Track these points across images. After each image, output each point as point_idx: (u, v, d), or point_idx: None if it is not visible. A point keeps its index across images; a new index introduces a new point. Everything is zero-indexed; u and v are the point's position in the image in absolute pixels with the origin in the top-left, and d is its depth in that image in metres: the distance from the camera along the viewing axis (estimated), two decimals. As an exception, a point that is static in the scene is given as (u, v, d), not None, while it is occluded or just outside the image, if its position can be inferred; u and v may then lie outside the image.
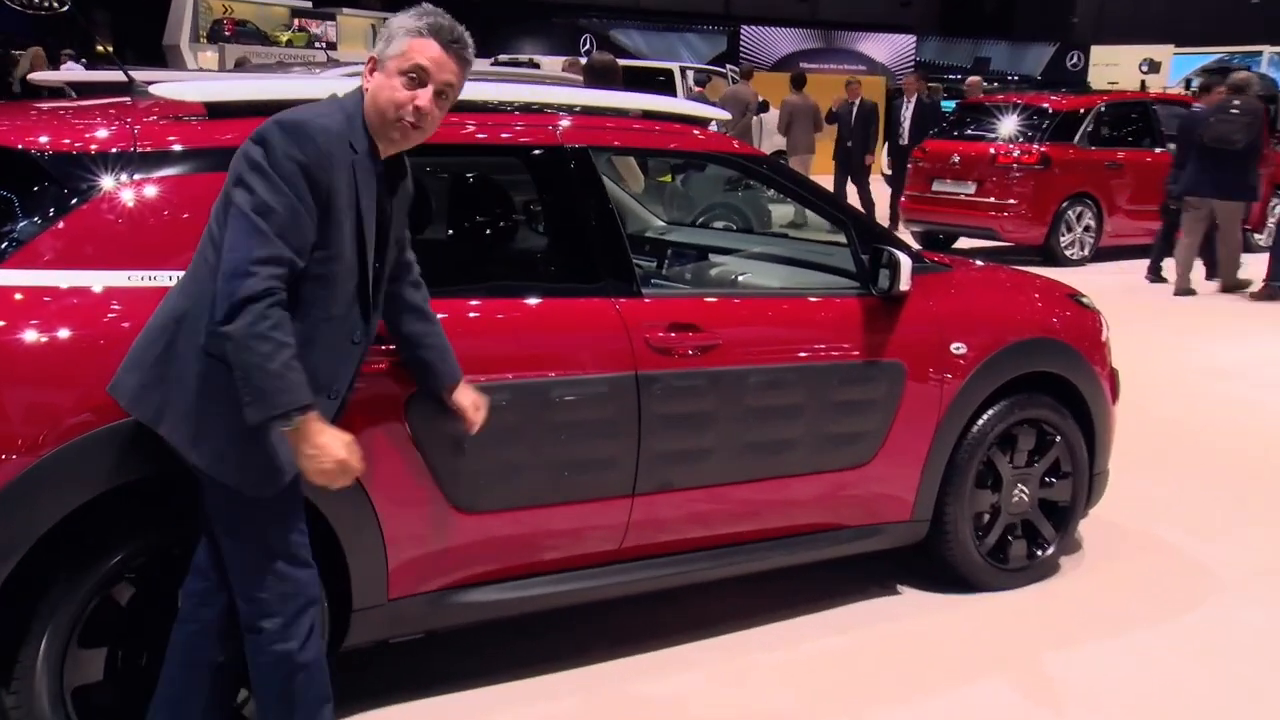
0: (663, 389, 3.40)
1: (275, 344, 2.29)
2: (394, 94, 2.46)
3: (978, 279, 4.47)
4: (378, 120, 2.48)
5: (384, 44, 2.51)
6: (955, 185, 12.63)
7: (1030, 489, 4.28)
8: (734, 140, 4.13)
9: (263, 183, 2.33)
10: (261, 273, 2.29)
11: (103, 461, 2.60)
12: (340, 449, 2.40)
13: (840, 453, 3.84)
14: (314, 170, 2.36)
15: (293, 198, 2.34)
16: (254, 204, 2.32)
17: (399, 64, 2.47)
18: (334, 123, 2.43)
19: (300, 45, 24.33)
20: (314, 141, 2.37)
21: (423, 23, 2.50)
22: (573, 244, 3.50)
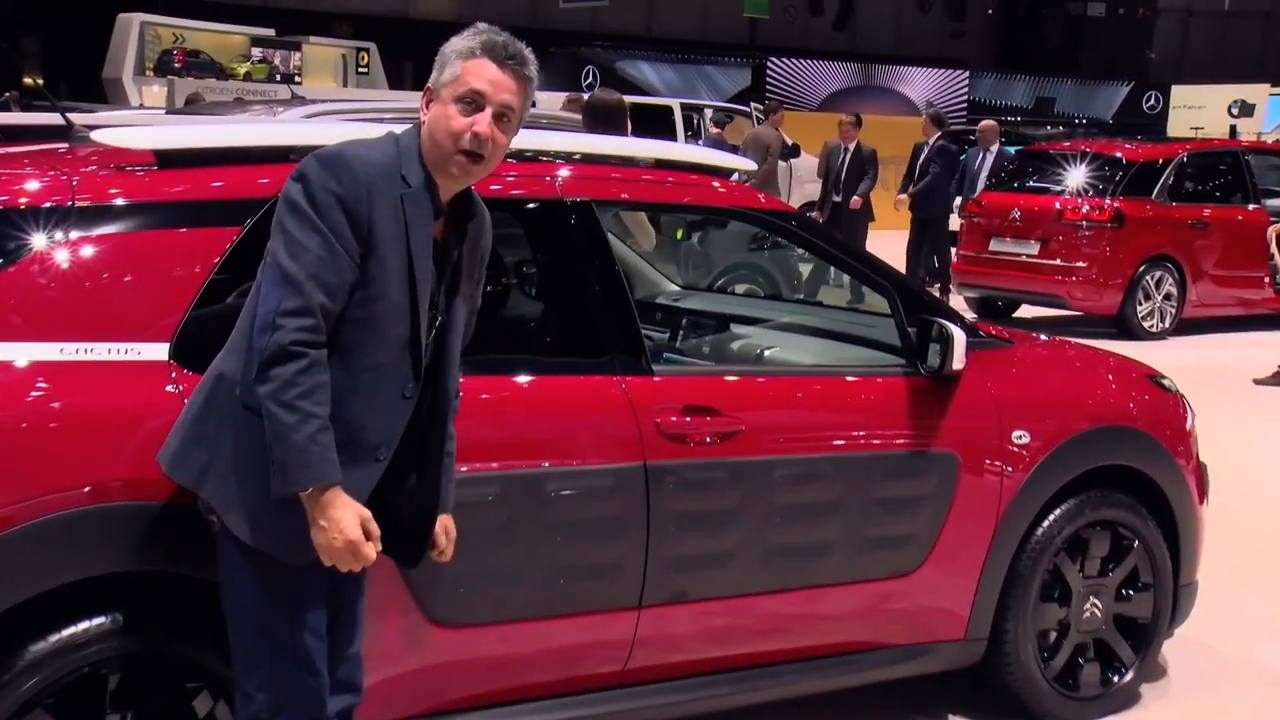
0: (675, 482, 3.40)
1: (301, 414, 2.41)
2: (450, 122, 2.56)
3: (1042, 356, 4.48)
4: (436, 153, 2.58)
5: (437, 72, 2.61)
6: (1016, 245, 12.69)
7: (1105, 603, 4.25)
8: (759, 194, 4.18)
9: (296, 220, 2.46)
10: (289, 326, 2.41)
11: (26, 565, 2.60)
12: (354, 528, 2.49)
13: (882, 558, 3.83)
14: (350, 202, 2.48)
15: (327, 232, 2.46)
16: (286, 245, 2.46)
17: (453, 90, 2.57)
18: (379, 154, 2.56)
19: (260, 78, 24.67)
20: (351, 170, 2.49)
21: (475, 42, 2.59)
22: (572, 312, 3.53)
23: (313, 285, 2.43)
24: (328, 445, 2.45)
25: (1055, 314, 13.13)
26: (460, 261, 2.71)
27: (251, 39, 26.10)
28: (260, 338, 2.43)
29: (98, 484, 2.67)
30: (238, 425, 2.53)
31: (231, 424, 2.54)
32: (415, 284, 2.58)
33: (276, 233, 2.49)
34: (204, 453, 2.56)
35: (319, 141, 3.18)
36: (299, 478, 2.43)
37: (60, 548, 2.63)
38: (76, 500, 2.64)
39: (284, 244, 2.46)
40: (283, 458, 2.43)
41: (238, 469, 2.53)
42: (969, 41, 41.74)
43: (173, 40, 24.43)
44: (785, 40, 38.32)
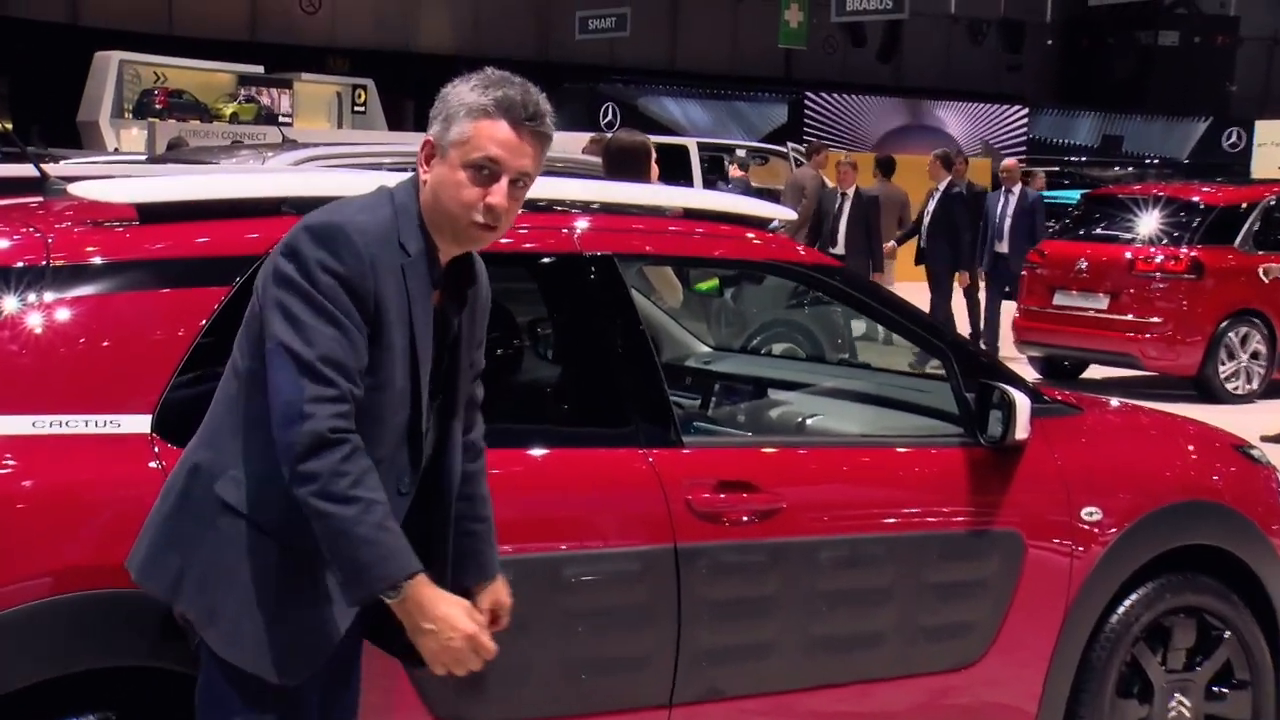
0: (709, 566, 3.40)
1: (362, 503, 2.36)
2: (460, 193, 2.51)
3: (1114, 424, 4.48)
4: (443, 221, 2.54)
5: (442, 125, 2.54)
6: (1082, 298, 12.67)
7: (1193, 701, 4.21)
8: (798, 245, 4.20)
9: (301, 302, 2.40)
10: (320, 413, 2.36)
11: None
12: (465, 620, 2.46)
13: (940, 649, 3.81)
14: (355, 281, 2.43)
15: (338, 314, 2.41)
16: (295, 330, 2.39)
17: (463, 154, 2.50)
18: (377, 220, 2.50)
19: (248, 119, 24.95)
20: (352, 245, 2.44)
21: (489, 99, 2.52)
22: (592, 377, 3.55)
23: (334, 370, 2.39)
24: (399, 532, 2.42)
25: (1127, 375, 13.08)
26: (460, 332, 2.67)
27: (239, 77, 26.43)
28: (287, 430, 2.37)
29: (73, 570, 2.68)
30: (217, 526, 2.48)
31: (209, 524, 2.49)
32: (418, 365, 2.55)
33: (275, 314, 2.43)
34: (178, 557, 2.51)
35: (313, 193, 3.24)
36: (381, 574, 2.37)
37: (30, 641, 2.64)
38: (49, 588, 2.65)
39: (291, 328, 2.40)
40: (353, 556, 2.36)
41: (218, 577, 2.48)
42: (1027, 74, 41.89)
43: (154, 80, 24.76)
44: (825, 73, 38.55)
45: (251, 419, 2.49)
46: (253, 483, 2.49)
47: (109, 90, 23.80)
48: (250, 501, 2.49)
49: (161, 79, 25.00)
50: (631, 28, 31.14)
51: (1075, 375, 13.52)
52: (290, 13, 33.86)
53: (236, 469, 2.50)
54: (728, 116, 36.25)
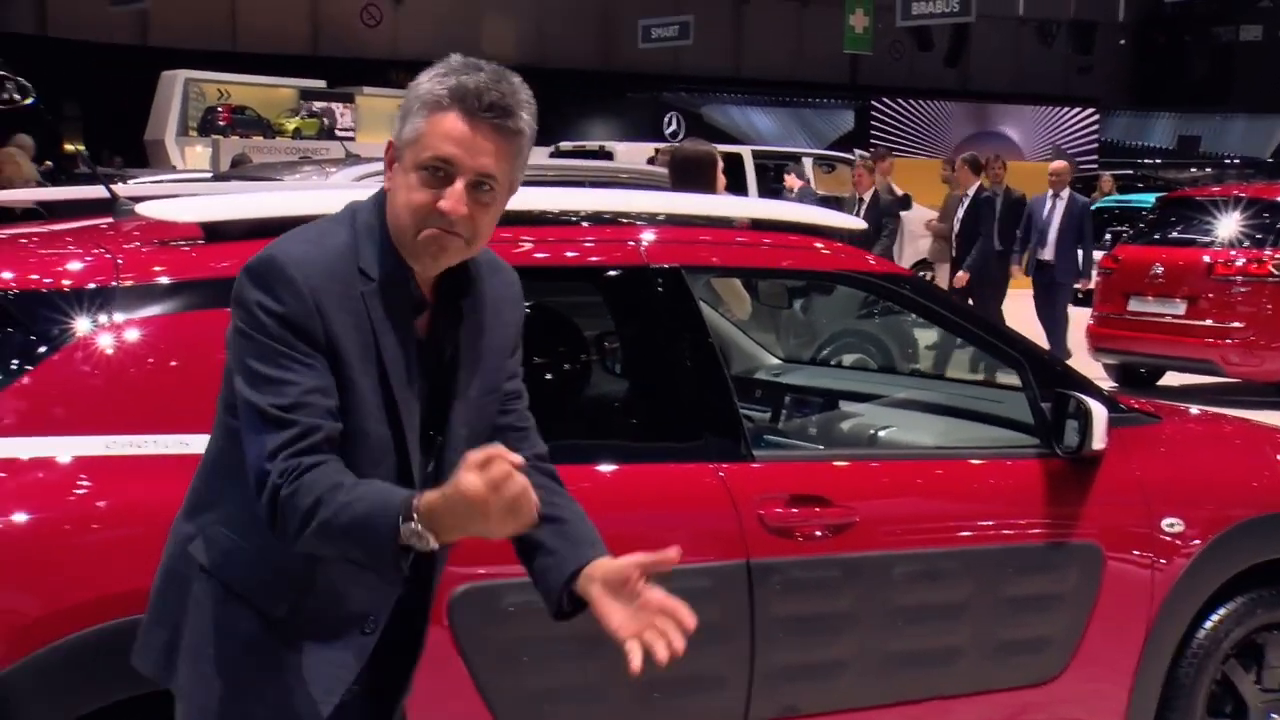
0: (782, 582, 3.40)
1: (321, 504, 2.10)
2: (410, 195, 2.22)
3: (1195, 433, 4.44)
4: (399, 235, 2.26)
5: (400, 121, 2.27)
6: (1159, 304, 12.55)
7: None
8: (868, 255, 4.19)
9: (251, 353, 2.18)
10: (276, 463, 2.12)
11: (73, 681, 2.65)
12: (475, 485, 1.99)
13: (1018, 665, 3.79)
14: (299, 320, 2.17)
15: (291, 354, 2.17)
16: (251, 386, 2.17)
17: (415, 153, 2.22)
18: (324, 250, 2.24)
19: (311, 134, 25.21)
20: (289, 283, 2.18)
21: (443, 88, 2.22)
22: (661, 391, 3.55)
23: (293, 411, 2.14)
24: (367, 491, 2.11)
25: (1207, 382, 12.92)
26: (458, 357, 2.36)
27: (301, 91, 26.69)
28: (259, 496, 2.15)
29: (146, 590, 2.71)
30: (194, 597, 2.31)
31: (189, 595, 2.32)
32: (397, 407, 2.26)
33: (235, 369, 2.23)
34: (165, 631, 2.35)
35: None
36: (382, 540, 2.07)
37: (109, 660, 2.67)
38: (124, 609, 2.68)
39: (247, 383, 2.18)
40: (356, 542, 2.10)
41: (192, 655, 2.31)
42: (1098, 76, 41.53)
43: (218, 96, 25.06)
44: (891, 78, 38.41)
45: (221, 472, 2.32)
46: (239, 545, 2.29)
47: (174, 108, 24.12)
48: (231, 568, 2.29)
49: (225, 95, 25.29)
50: (695, 36, 31.17)
51: (1152, 383, 13.37)
52: (352, 26, 34.18)
53: (223, 527, 2.31)
54: (793, 124, 36.23)
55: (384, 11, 34.62)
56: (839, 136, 33.84)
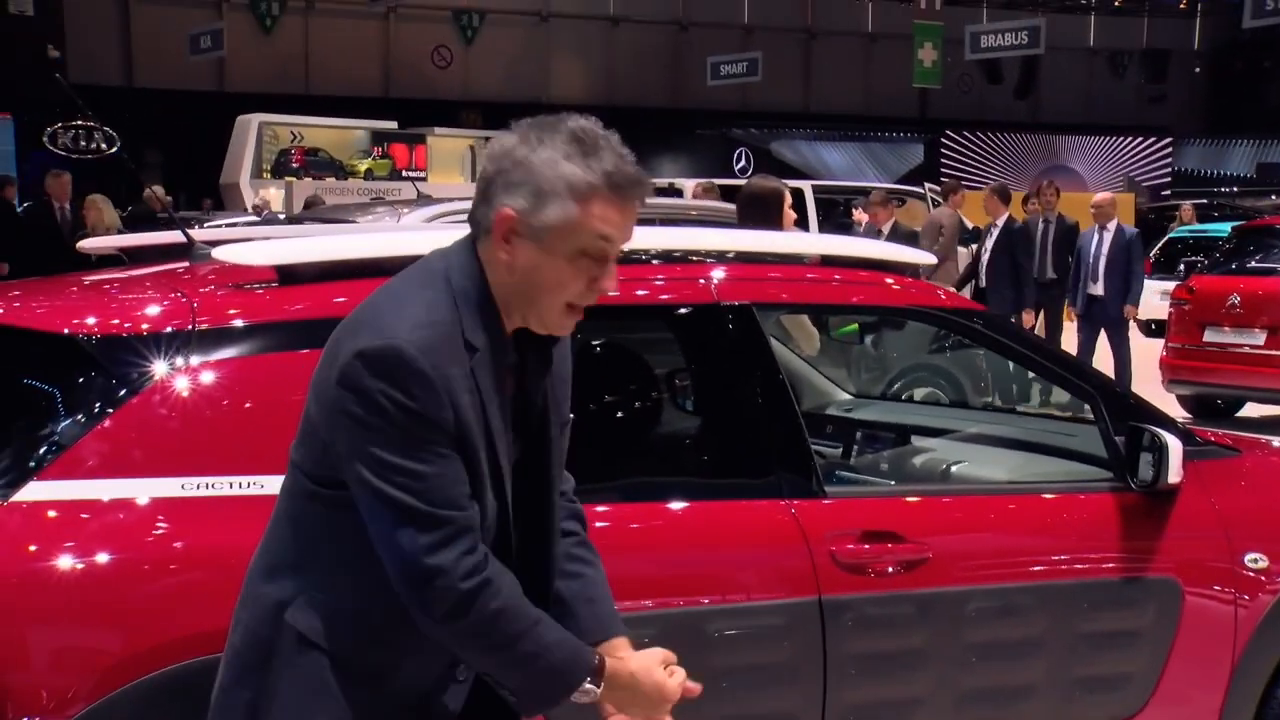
0: (855, 619, 3.38)
1: (523, 637, 2.19)
2: (569, 283, 2.20)
3: (1277, 466, 4.37)
4: (529, 310, 2.24)
5: (530, 201, 2.17)
6: (1237, 334, 12.39)
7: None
8: (939, 290, 4.18)
9: (380, 444, 2.12)
10: (447, 563, 2.13)
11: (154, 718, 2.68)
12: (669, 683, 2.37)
13: (1096, 702, 3.75)
14: (433, 414, 2.13)
15: (425, 446, 2.14)
16: (384, 480, 2.13)
17: (571, 241, 2.18)
18: (438, 328, 2.17)
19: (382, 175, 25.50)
20: (419, 376, 2.12)
21: (597, 175, 2.18)
22: (732, 428, 3.55)
23: (444, 507, 2.14)
24: (559, 629, 2.25)
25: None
26: (547, 405, 2.37)
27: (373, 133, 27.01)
28: (417, 592, 2.14)
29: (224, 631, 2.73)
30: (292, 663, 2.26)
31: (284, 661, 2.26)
32: (502, 471, 2.26)
33: (354, 459, 2.15)
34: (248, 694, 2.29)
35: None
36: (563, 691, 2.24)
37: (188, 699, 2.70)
38: (200, 649, 2.71)
39: (378, 475, 2.13)
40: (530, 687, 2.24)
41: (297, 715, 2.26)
42: (1172, 105, 41.22)
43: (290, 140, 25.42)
44: (961, 112, 38.31)
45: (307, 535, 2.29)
46: (337, 612, 2.26)
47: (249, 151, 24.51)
48: (332, 634, 2.25)
49: (298, 138, 25.66)
50: (763, 72, 31.23)
51: (1230, 415, 13.19)
52: (423, 68, 34.55)
53: (316, 594, 2.27)
54: (863, 158, 36.20)
55: (454, 53, 34.98)
56: (909, 170, 33.76)
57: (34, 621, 2.65)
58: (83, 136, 9.19)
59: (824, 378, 5.47)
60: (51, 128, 8.91)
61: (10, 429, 2.90)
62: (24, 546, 2.69)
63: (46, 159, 18.35)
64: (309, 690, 2.24)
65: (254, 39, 32.70)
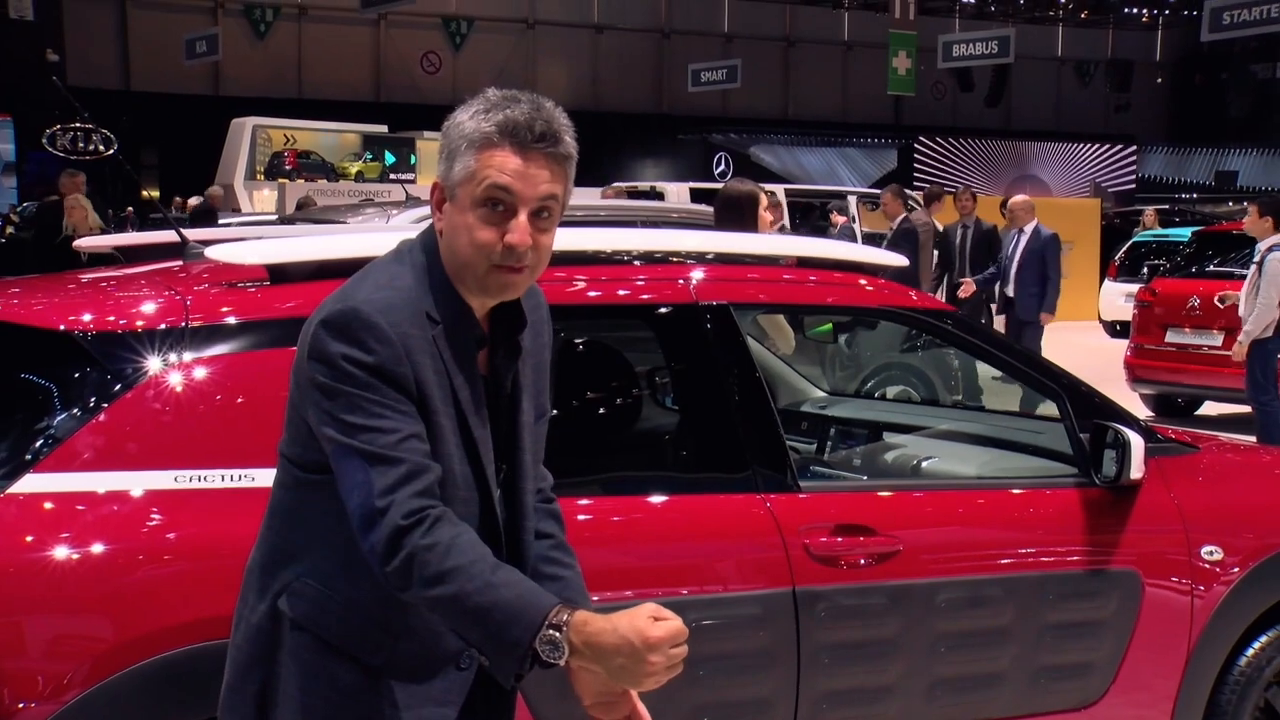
0: (828, 609, 3.38)
1: (459, 571, 2.06)
2: (474, 234, 2.18)
3: (1233, 462, 4.39)
4: (463, 272, 2.22)
5: (446, 162, 2.22)
6: (1196, 336, 12.43)
7: (1330, 747, 4.09)
8: (910, 291, 4.18)
9: (346, 403, 2.13)
10: (395, 500, 2.08)
11: (146, 705, 2.68)
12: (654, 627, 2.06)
13: (1060, 689, 3.75)
14: (390, 368, 2.14)
15: (385, 402, 2.13)
16: (350, 433, 2.11)
17: (471, 191, 2.18)
18: (398, 293, 2.19)
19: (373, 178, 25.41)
20: (376, 330, 2.13)
21: (490, 124, 2.19)
22: (710, 424, 3.55)
23: (399, 450, 2.11)
24: (517, 578, 2.11)
25: (1245, 412, 12.76)
26: (519, 386, 2.34)
27: (364, 137, 26.93)
28: (368, 535, 2.09)
29: (215, 619, 2.72)
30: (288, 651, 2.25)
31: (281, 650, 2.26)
32: (475, 445, 2.24)
33: (325, 423, 2.14)
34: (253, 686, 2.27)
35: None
36: (518, 632, 2.04)
37: (181, 686, 2.71)
38: (194, 636, 2.72)
39: (339, 429, 2.12)
40: (483, 629, 2.07)
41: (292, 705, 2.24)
42: (1136, 114, 41.37)
43: (284, 143, 25.34)
44: (934, 118, 38.42)
45: (299, 524, 2.28)
46: (329, 596, 2.24)
47: (243, 154, 24.41)
48: (323, 619, 2.23)
49: (291, 141, 25.57)
50: (743, 79, 31.26)
51: (1189, 413, 13.24)
52: (412, 73, 34.51)
53: (309, 579, 2.25)
54: (838, 163, 36.22)
55: (443, 59, 34.95)
56: (883, 175, 33.77)
57: (30, 609, 2.64)
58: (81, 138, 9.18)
59: (799, 376, 5.46)
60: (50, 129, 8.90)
61: (8, 422, 2.89)
62: (21, 537, 2.68)
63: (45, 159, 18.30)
64: (305, 674, 2.22)
65: (248, 44, 32.64)
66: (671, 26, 37.32)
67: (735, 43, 36.83)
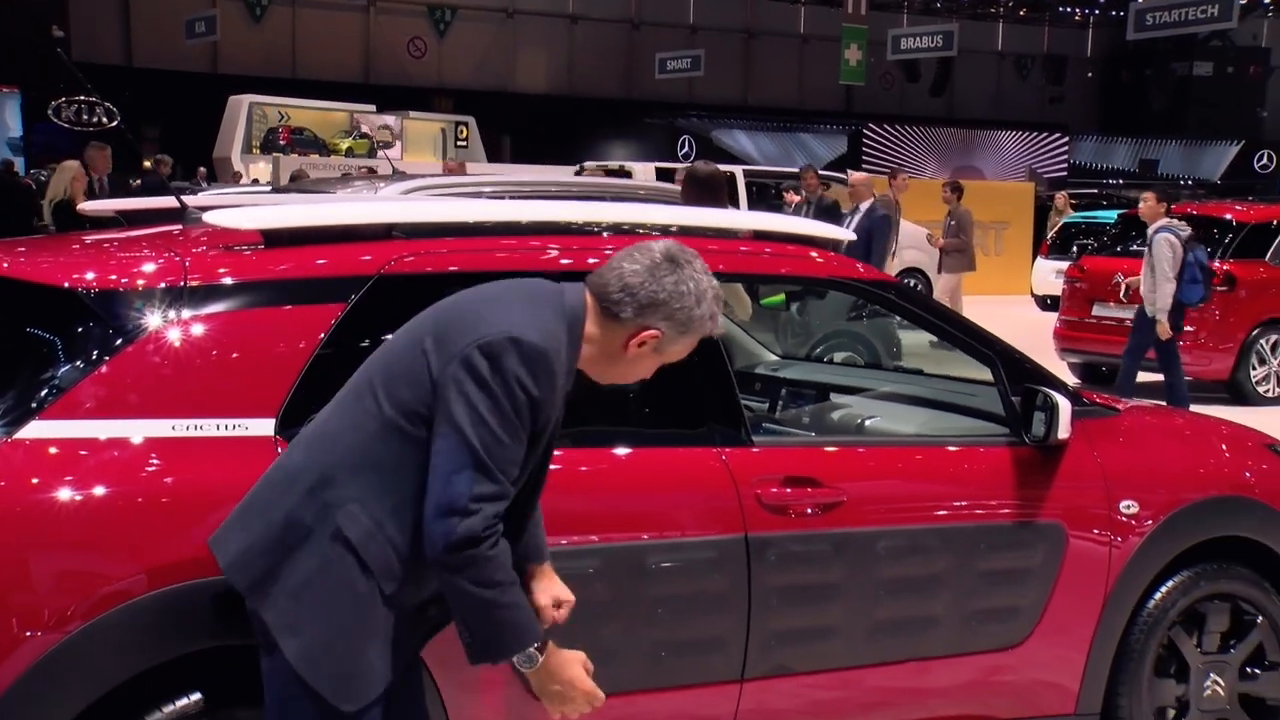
0: (777, 554, 3.39)
1: (500, 587, 2.44)
2: (641, 372, 2.70)
3: (1151, 424, 4.41)
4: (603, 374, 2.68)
5: (678, 329, 2.62)
6: (1120, 309, 12.49)
7: (1227, 680, 4.14)
8: (857, 263, 4.18)
9: (491, 407, 2.41)
10: (485, 511, 2.40)
11: (142, 636, 2.67)
12: (585, 678, 2.63)
13: (988, 631, 3.78)
14: (542, 406, 2.48)
15: (519, 430, 2.45)
16: (479, 433, 2.40)
17: (668, 353, 2.66)
18: (563, 348, 2.54)
19: (362, 153, 25.25)
20: (551, 376, 2.48)
21: (707, 325, 2.67)
22: (671, 384, 3.54)
23: (504, 476, 2.43)
24: (525, 604, 2.52)
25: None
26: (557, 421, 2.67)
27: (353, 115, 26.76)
28: (444, 521, 2.38)
29: (210, 558, 2.71)
30: (327, 554, 2.46)
31: (318, 548, 2.46)
32: (544, 457, 2.64)
33: (460, 405, 2.41)
34: (269, 562, 2.48)
35: (419, 219, 3.27)
36: (511, 648, 2.50)
37: (176, 620, 2.70)
38: (190, 574, 2.70)
39: (473, 424, 2.40)
40: (492, 633, 2.48)
41: (314, 599, 2.46)
42: (1069, 105, 41.50)
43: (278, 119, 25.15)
44: (882, 107, 38.40)
45: (390, 467, 2.48)
46: (377, 530, 2.47)
47: (240, 129, 24.24)
48: (369, 546, 2.47)
49: (285, 118, 25.38)
50: (706, 68, 31.19)
51: (1112, 380, 13.33)
52: (400, 57, 34.26)
53: (363, 510, 2.47)
54: (793, 147, 36.19)
55: (428, 44, 34.70)
56: (834, 158, 33.77)
57: (35, 547, 2.62)
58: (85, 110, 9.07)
59: (754, 341, 5.47)
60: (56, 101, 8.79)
61: (15, 373, 2.85)
62: (27, 479, 2.66)
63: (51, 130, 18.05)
64: (340, 584, 2.45)
65: (245, 26, 32.33)
66: (641, 18, 37.15)
67: (700, 34, 36.72)
